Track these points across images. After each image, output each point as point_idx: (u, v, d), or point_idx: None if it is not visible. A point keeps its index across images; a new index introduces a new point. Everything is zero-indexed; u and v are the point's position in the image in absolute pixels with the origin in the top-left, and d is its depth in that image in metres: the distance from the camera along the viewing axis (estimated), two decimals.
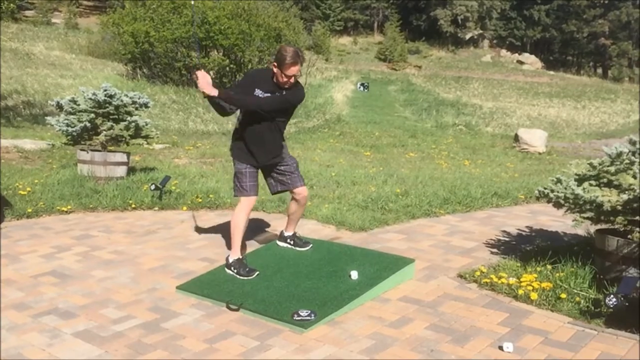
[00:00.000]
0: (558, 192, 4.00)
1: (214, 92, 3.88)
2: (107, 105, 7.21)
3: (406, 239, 5.26)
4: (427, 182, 8.17)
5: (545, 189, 4.16)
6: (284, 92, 4.05)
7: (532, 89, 38.49)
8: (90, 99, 7.20)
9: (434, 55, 55.11)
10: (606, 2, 54.59)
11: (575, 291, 3.75)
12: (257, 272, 4.11)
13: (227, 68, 20.37)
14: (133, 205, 6.41)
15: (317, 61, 32.10)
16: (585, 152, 14.38)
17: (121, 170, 7.31)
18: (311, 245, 4.66)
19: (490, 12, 57.80)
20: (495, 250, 4.93)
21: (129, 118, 7.33)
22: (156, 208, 6.43)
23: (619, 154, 3.84)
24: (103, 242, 5.12)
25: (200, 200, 6.60)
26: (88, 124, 7.19)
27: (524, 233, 5.53)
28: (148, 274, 4.31)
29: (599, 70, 58.88)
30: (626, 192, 3.68)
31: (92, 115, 7.22)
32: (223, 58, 20.26)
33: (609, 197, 3.74)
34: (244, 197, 4.24)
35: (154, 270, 4.42)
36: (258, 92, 4.04)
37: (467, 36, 58.71)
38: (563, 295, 3.68)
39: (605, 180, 3.91)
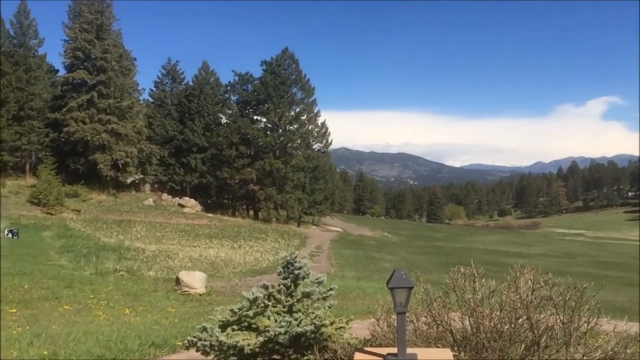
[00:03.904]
0: (205, 340, 4.15)
1: None
2: None
3: None
4: (80, 339, 7.59)
5: (194, 337, 4.27)
6: None
7: (194, 230, 40.28)
8: None
9: (95, 199, 53.55)
10: (252, 153, 62.23)
11: None
12: None
13: None
14: None
15: None
16: (241, 290, 15.32)
17: None
18: None
19: (150, 158, 59.87)
20: None
21: None
22: None
23: (255, 299, 4.23)
24: None
25: None
26: None
27: None
28: None
29: (251, 212, 65.32)
30: (262, 334, 4.02)
31: None
32: None
33: (249, 341, 4.03)
34: None
35: None
36: None
37: (129, 180, 59.14)
38: None
39: (246, 324, 4.23)
